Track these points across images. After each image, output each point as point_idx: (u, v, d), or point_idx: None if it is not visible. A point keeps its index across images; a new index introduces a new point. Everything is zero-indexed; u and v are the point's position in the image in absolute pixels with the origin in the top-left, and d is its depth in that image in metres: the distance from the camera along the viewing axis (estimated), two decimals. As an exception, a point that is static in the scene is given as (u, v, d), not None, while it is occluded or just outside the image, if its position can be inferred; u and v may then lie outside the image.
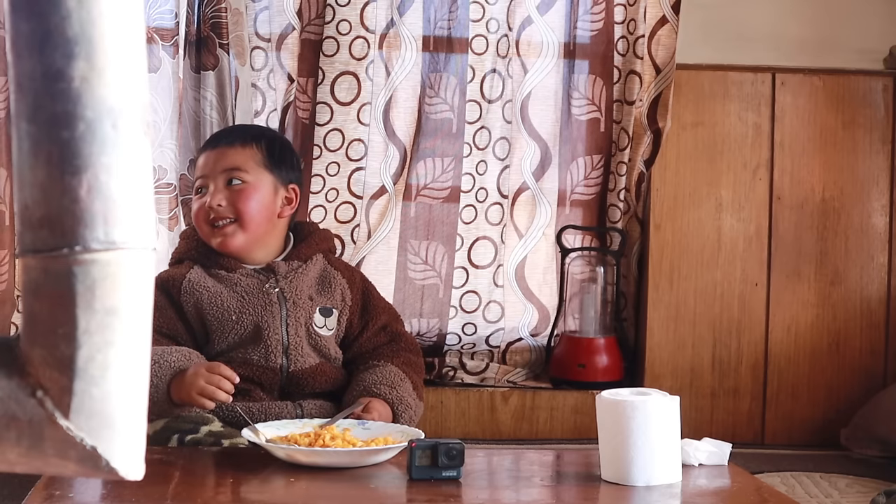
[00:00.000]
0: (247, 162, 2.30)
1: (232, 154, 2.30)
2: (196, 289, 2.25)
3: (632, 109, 3.06)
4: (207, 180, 2.30)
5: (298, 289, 2.28)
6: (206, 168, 2.31)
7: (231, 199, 2.27)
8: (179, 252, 2.37)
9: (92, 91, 0.72)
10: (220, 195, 2.27)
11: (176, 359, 2.10)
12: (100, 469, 0.74)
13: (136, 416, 0.75)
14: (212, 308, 2.23)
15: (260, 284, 2.26)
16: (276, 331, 2.23)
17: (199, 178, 2.32)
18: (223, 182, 2.28)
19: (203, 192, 2.30)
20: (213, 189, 2.28)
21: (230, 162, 2.29)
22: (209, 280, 2.27)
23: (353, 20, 2.98)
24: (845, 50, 3.14)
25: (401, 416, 2.21)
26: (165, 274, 2.31)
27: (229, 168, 2.29)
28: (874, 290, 3.12)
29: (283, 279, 2.28)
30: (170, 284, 2.26)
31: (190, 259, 2.32)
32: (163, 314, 2.22)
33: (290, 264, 2.31)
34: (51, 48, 0.72)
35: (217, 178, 2.29)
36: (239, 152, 2.30)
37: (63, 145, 0.72)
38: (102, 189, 0.72)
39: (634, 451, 1.82)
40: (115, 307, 0.73)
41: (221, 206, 2.27)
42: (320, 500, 1.78)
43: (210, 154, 2.33)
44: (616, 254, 3.10)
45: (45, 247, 0.72)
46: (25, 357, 0.74)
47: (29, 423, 0.73)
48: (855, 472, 2.76)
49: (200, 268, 2.29)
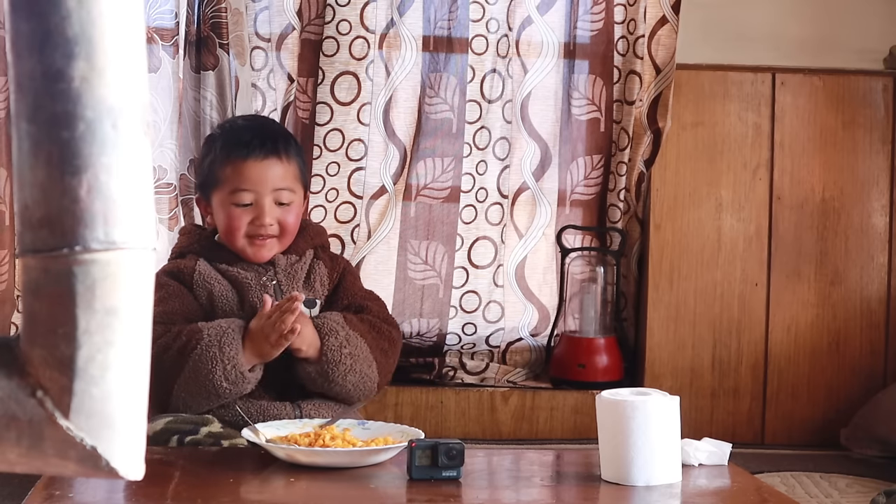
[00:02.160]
0: (293, 180, 2.30)
1: (280, 171, 2.28)
2: (207, 280, 2.27)
3: (632, 109, 3.06)
4: (254, 196, 2.26)
5: (294, 281, 2.31)
6: (252, 182, 2.27)
7: (279, 218, 2.28)
8: (181, 247, 2.38)
9: (92, 91, 0.72)
10: (271, 215, 2.26)
11: (233, 328, 2.14)
12: (100, 469, 0.74)
13: (136, 416, 0.75)
14: (220, 301, 2.26)
15: (258, 277, 2.28)
16: None
17: (244, 191, 2.26)
18: (273, 200, 2.27)
19: (245, 205, 2.26)
20: (263, 207, 2.26)
21: (280, 182, 2.27)
22: (215, 273, 2.29)
23: (353, 20, 2.98)
24: (845, 50, 3.14)
25: (326, 338, 2.18)
26: (173, 265, 2.32)
27: (280, 188, 2.27)
28: (874, 290, 3.12)
29: (283, 272, 2.30)
30: (182, 274, 2.29)
31: (193, 253, 2.33)
32: (182, 300, 2.25)
33: (288, 258, 2.32)
34: (51, 48, 0.72)
35: (267, 195, 2.26)
36: (286, 168, 2.28)
37: (63, 145, 0.72)
38: (102, 189, 0.72)
39: (634, 451, 1.82)
40: (115, 307, 0.73)
41: (272, 225, 2.27)
42: (320, 500, 1.78)
43: (256, 167, 2.27)
44: (616, 254, 3.10)
45: (45, 247, 0.72)
46: (25, 357, 0.74)
47: (29, 423, 0.73)
48: (855, 472, 2.76)
49: (204, 262, 2.31)
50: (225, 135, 2.34)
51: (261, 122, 2.49)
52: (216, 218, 2.31)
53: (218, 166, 2.29)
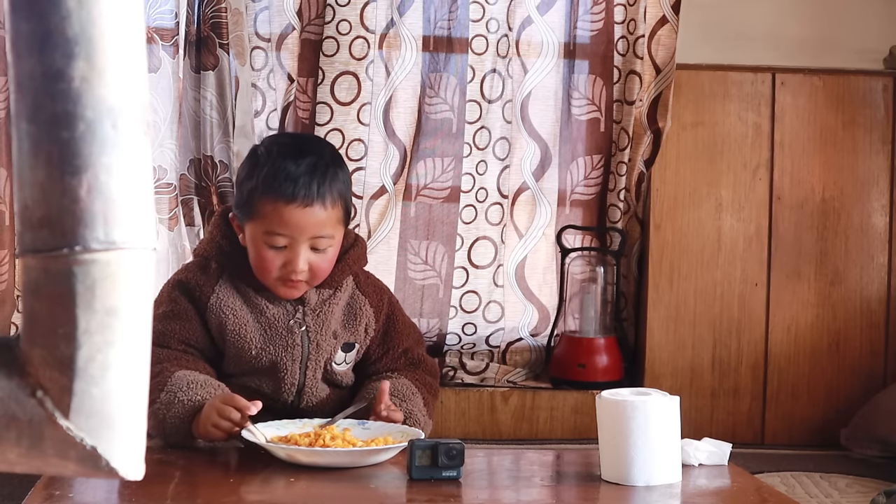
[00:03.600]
0: (334, 226, 2.14)
1: (323, 217, 2.11)
2: (222, 309, 2.15)
3: (632, 109, 3.06)
4: (289, 240, 2.11)
5: (325, 326, 2.19)
6: (290, 229, 2.10)
7: (314, 261, 2.13)
8: (207, 253, 2.22)
9: (92, 91, 0.72)
10: (305, 259, 2.12)
11: (201, 396, 2.01)
12: (100, 469, 0.74)
13: (136, 416, 0.75)
14: (234, 336, 2.15)
15: (286, 317, 2.17)
16: (294, 373, 2.17)
17: (278, 235, 2.11)
18: (308, 245, 2.12)
19: (278, 248, 2.12)
20: (297, 252, 2.11)
21: (320, 230, 2.12)
22: (236, 300, 2.17)
23: (353, 20, 2.98)
24: (845, 50, 3.14)
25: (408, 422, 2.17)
26: (193, 280, 2.18)
27: (318, 236, 2.12)
28: (874, 290, 3.12)
29: (312, 312, 2.18)
30: (197, 295, 2.16)
31: (219, 263, 2.19)
32: (186, 324, 2.15)
33: (320, 294, 2.20)
34: (51, 48, 0.72)
35: (303, 242, 2.11)
36: (329, 214, 2.12)
37: (63, 145, 0.72)
38: (102, 189, 0.72)
39: (634, 451, 1.82)
40: (115, 307, 0.73)
41: (304, 269, 2.13)
42: (320, 500, 1.78)
43: (297, 212, 2.10)
44: (616, 254, 3.10)
45: (45, 247, 0.72)
46: (25, 357, 0.74)
47: (29, 423, 0.73)
48: (855, 472, 2.76)
49: (228, 279, 2.18)
50: (272, 163, 2.13)
51: (311, 151, 2.18)
52: (248, 248, 2.16)
53: (258, 198, 2.12)
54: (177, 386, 2.01)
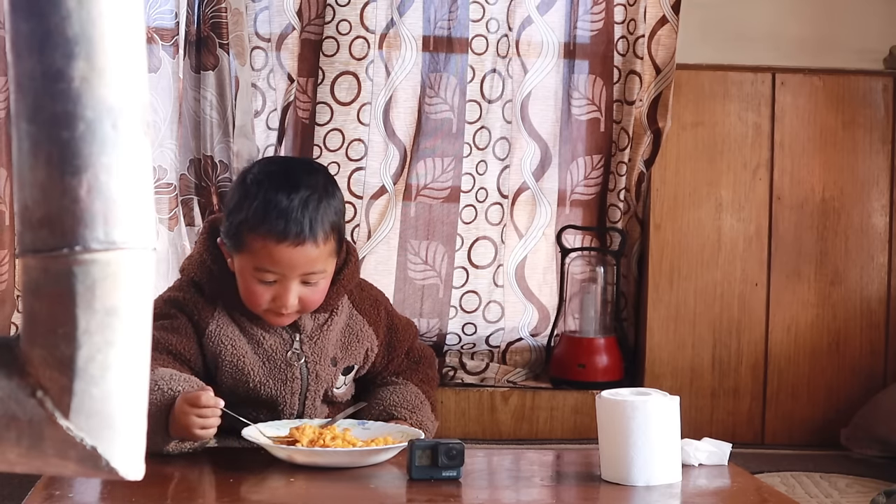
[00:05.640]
0: (325, 260, 2.08)
1: (314, 255, 2.05)
2: (221, 339, 2.12)
3: (632, 109, 3.06)
4: (279, 276, 2.06)
5: (323, 353, 2.16)
6: (281, 266, 2.04)
7: (305, 295, 2.08)
8: (198, 276, 2.16)
9: (92, 91, 0.72)
10: (296, 294, 2.07)
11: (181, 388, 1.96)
12: (100, 469, 0.74)
13: (136, 416, 0.75)
14: (230, 368, 2.12)
15: (283, 348, 2.14)
16: (293, 405, 2.15)
17: (268, 272, 2.05)
18: (299, 280, 2.07)
19: (268, 283, 2.06)
20: (287, 288, 2.06)
21: (311, 266, 2.06)
22: (234, 329, 2.13)
23: (353, 20, 2.98)
24: (845, 50, 3.14)
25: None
26: (190, 302, 2.13)
27: (309, 272, 2.07)
28: (874, 290, 3.12)
29: (308, 340, 2.15)
30: (196, 319, 2.12)
31: (211, 289, 2.14)
32: (182, 340, 2.10)
33: (315, 319, 2.17)
34: (51, 48, 0.72)
35: (294, 278, 2.06)
36: (320, 251, 2.06)
37: (63, 145, 0.72)
38: (102, 189, 0.72)
39: (634, 451, 1.82)
40: (115, 307, 0.73)
41: (294, 304, 2.08)
42: (320, 500, 1.78)
43: (289, 252, 2.03)
44: (616, 254, 3.10)
45: (45, 247, 0.72)
46: (25, 357, 0.74)
47: (29, 423, 0.73)
48: (855, 472, 2.76)
49: (224, 307, 2.14)
50: (263, 195, 2.05)
51: (302, 182, 2.09)
52: (238, 278, 2.10)
53: (247, 232, 2.05)
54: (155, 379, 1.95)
